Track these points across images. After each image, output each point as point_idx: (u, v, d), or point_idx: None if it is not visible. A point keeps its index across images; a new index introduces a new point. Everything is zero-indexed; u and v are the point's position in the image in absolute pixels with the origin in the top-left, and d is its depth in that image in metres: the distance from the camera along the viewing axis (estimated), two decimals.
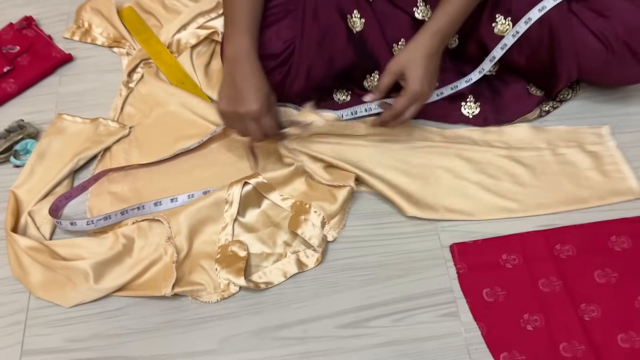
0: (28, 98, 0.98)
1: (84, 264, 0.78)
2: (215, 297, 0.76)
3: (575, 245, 0.77)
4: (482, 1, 0.81)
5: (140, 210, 0.82)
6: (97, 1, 1.05)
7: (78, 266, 0.78)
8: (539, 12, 0.79)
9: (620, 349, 0.70)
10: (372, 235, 0.80)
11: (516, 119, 0.88)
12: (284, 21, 0.84)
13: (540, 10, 0.79)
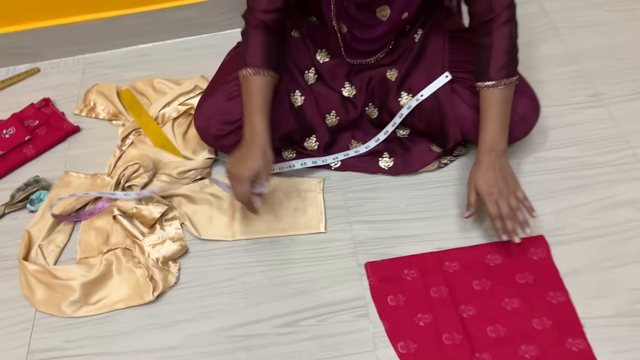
0: (43, 160, 1.24)
1: (74, 283, 1.00)
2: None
3: (459, 262, 1.00)
4: (393, 81, 1.10)
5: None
6: (101, 85, 1.34)
7: (69, 283, 1.00)
8: (427, 92, 1.07)
9: (489, 337, 0.91)
10: (306, 257, 1.03)
11: (421, 169, 1.13)
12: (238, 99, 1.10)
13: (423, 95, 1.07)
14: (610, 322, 0.92)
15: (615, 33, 1.33)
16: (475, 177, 0.98)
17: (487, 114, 0.98)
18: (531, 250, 1.00)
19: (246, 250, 1.06)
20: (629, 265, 0.97)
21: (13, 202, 1.16)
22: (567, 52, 1.31)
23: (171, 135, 1.23)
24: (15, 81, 1.41)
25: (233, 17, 1.41)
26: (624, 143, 1.13)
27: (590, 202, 1.06)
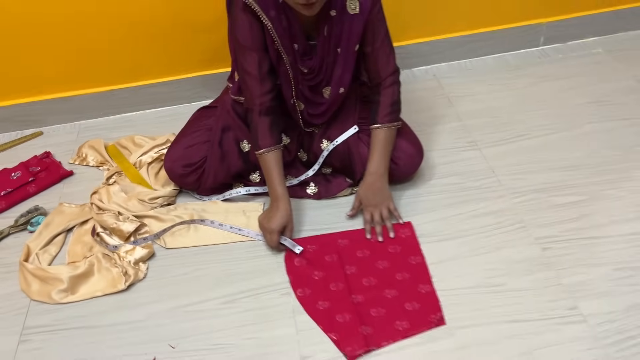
0: (42, 195, 1.56)
1: (63, 276, 1.29)
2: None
3: (349, 239, 1.34)
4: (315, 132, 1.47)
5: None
6: (92, 141, 1.69)
7: (59, 276, 1.29)
8: (340, 139, 1.43)
9: (363, 285, 1.24)
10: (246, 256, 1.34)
11: (337, 194, 1.47)
12: (201, 145, 1.46)
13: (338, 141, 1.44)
14: (471, 291, 1.22)
15: (490, 100, 1.75)
16: (360, 191, 1.36)
17: (374, 148, 1.36)
18: (401, 231, 1.35)
19: (201, 254, 1.36)
20: (486, 253, 1.29)
21: (16, 225, 1.46)
22: (455, 113, 1.71)
23: (146, 175, 1.56)
24: (22, 141, 1.76)
25: (200, 91, 1.81)
26: (490, 173, 1.50)
27: (462, 213, 1.40)
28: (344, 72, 1.34)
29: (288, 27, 1.26)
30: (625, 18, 1.96)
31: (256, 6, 1.22)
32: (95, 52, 1.68)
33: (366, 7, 1.26)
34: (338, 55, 1.33)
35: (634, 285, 1.21)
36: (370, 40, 1.32)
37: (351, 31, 1.29)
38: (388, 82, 1.37)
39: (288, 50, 1.30)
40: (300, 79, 1.36)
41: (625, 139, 1.57)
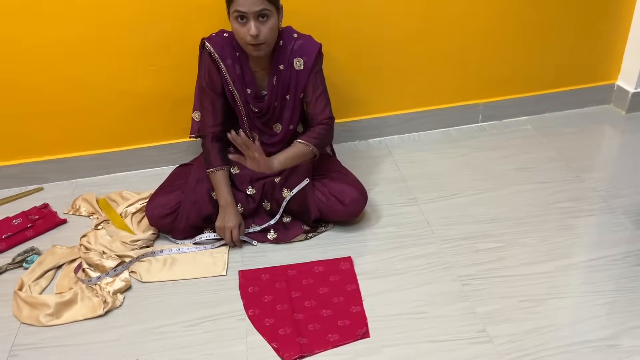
0: (39, 239, 1.79)
1: (50, 302, 1.50)
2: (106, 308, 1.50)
3: (297, 270, 1.58)
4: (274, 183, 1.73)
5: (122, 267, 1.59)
6: (85, 194, 1.95)
7: (47, 302, 1.50)
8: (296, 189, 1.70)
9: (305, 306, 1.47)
10: (211, 289, 1.55)
11: (292, 239, 1.71)
12: (178, 193, 1.72)
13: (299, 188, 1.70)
14: (398, 317, 1.43)
15: (432, 166, 2.03)
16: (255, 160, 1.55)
17: (286, 151, 1.61)
18: (342, 264, 1.59)
19: (170, 286, 1.58)
20: (414, 288, 1.52)
21: (14, 262, 1.69)
22: (400, 176, 1.98)
23: (129, 223, 1.81)
24: (25, 195, 2.02)
25: (182, 155, 2.08)
26: (425, 224, 1.75)
27: (397, 255, 1.63)
28: (293, 113, 1.73)
29: (242, 74, 1.64)
30: (550, 101, 2.29)
31: (215, 54, 1.62)
32: (90, 120, 1.98)
33: (309, 65, 1.65)
34: (287, 101, 1.70)
35: (535, 313, 1.42)
36: (310, 92, 1.69)
37: (297, 83, 1.67)
38: (321, 122, 1.69)
39: (240, 92, 1.68)
40: (253, 116, 1.72)
41: (542, 198, 1.83)
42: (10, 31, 1.76)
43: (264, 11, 1.48)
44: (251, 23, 1.48)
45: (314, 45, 1.65)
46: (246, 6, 1.46)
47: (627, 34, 2.21)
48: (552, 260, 1.59)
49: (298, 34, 1.66)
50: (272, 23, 1.52)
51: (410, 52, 2.07)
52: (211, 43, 1.63)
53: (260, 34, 1.50)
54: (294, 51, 1.64)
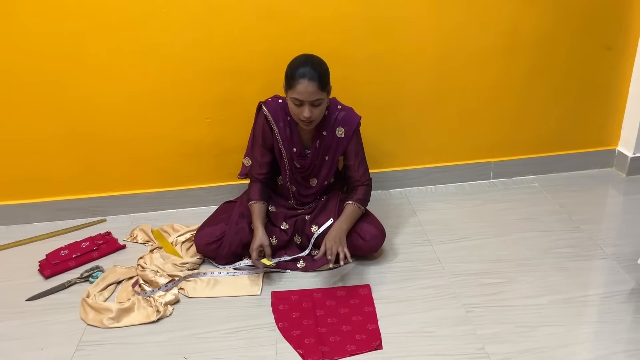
0: (102, 260, 2.09)
1: (112, 308, 1.78)
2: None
3: (322, 294, 1.81)
4: (307, 219, 2.01)
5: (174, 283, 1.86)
6: (142, 225, 2.26)
7: (110, 308, 1.78)
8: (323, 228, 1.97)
9: (327, 322, 1.70)
10: (247, 304, 1.81)
11: (319, 268, 1.96)
12: (222, 225, 2.01)
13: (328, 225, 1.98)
14: (408, 335, 1.65)
15: (445, 213, 2.28)
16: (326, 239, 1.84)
17: (343, 215, 1.90)
18: (361, 290, 1.82)
19: (213, 302, 1.83)
20: (423, 312, 1.74)
21: (81, 277, 1.98)
22: (417, 221, 2.24)
23: (179, 250, 2.10)
24: (91, 225, 2.34)
25: (227, 196, 2.38)
26: (437, 262, 1.98)
27: (410, 286, 1.86)
28: (329, 172, 2.00)
29: (290, 135, 1.92)
30: (557, 162, 2.55)
31: (270, 118, 1.92)
32: (151, 163, 2.31)
33: (349, 134, 1.93)
34: (325, 162, 1.97)
35: (529, 337, 1.63)
36: (351, 156, 1.96)
37: (337, 148, 1.95)
38: (362, 184, 1.97)
39: (288, 150, 1.95)
40: (295, 170, 1.99)
41: (542, 244, 2.06)
42: (88, 84, 2.14)
43: (318, 101, 1.78)
44: (306, 108, 1.78)
45: (355, 117, 1.95)
46: (304, 96, 1.75)
47: (625, 104, 2.48)
48: (547, 295, 1.79)
49: (342, 106, 1.96)
50: (323, 106, 1.81)
51: (428, 114, 2.37)
52: (267, 107, 1.93)
53: (312, 115, 1.80)
54: (337, 121, 1.93)
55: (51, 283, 1.96)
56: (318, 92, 1.76)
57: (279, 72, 1.83)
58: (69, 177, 2.31)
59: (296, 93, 1.76)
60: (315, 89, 1.75)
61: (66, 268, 2.03)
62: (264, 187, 2.03)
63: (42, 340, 1.69)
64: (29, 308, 1.84)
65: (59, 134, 2.21)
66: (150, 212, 2.41)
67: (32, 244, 2.20)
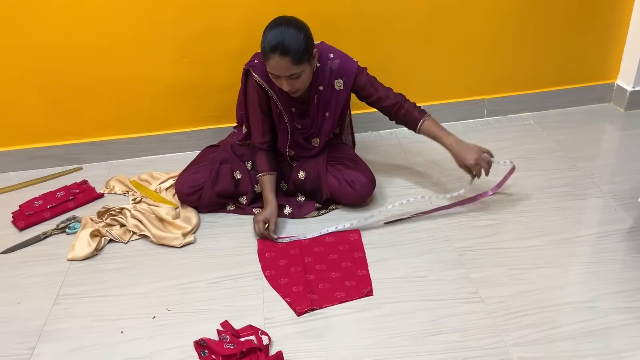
0: (78, 210, 2.00)
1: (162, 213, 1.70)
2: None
3: (310, 241, 1.74)
4: (291, 166, 1.91)
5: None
6: (118, 176, 2.14)
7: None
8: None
9: (316, 269, 1.64)
10: (236, 252, 1.74)
11: (306, 215, 1.88)
12: (204, 172, 1.91)
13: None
14: (398, 280, 1.60)
15: (436, 154, 2.18)
16: (458, 160, 1.77)
17: (434, 132, 1.80)
18: (351, 235, 1.75)
19: (199, 250, 1.76)
20: (415, 256, 1.68)
21: (57, 228, 1.89)
22: (407, 161, 2.15)
23: (165, 196, 2.00)
24: (66, 173, 2.23)
25: (209, 141, 2.25)
26: (429, 204, 1.91)
27: (401, 230, 1.80)
28: (332, 128, 1.86)
29: (287, 96, 1.75)
30: (553, 98, 2.44)
31: (264, 84, 1.75)
32: (127, 106, 2.19)
33: (349, 83, 1.78)
34: (326, 118, 1.83)
35: (522, 280, 1.57)
36: (372, 92, 1.81)
37: (337, 102, 1.81)
38: (403, 101, 1.83)
39: (287, 112, 1.80)
40: (296, 132, 1.85)
41: (538, 183, 1.98)
42: (58, 23, 1.98)
43: (295, 74, 1.61)
44: (283, 81, 1.62)
45: (352, 65, 1.76)
46: (277, 72, 1.60)
47: (625, 36, 2.35)
48: (543, 236, 1.73)
49: (333, 53, 1.77)
50: (305, 75, 1.64)
51: (418, 50, 2.24)
52: (257, 73, 1.74)
53: (293, 87, 1.64)
54: (333, 72, 1.75)
55: (26, 235, 1.87)
56: (293, 67, 1.59)
57: (259, 2, 1.69)
58: (42, 123, 2.19)
59: (270, 67, 1.62)
60: (289, 64, 1.58)
61: (41, 219, 1.94)
62: (270, 154, 1.89)
63: (18, 295, 1.62)
64: (4, 261, 1.76)
65: (29, 77, 2.08)
66: (128, 158, 2.30)
67: (4, 194, 2.10)
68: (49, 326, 1.52)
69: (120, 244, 1.82)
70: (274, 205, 1.81)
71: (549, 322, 1.44)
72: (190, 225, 1.85)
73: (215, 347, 1.39)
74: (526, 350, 1.36)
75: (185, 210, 1.93)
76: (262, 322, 1.49)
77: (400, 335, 1.43)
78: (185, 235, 1.80)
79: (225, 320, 1.49)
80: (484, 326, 1.44)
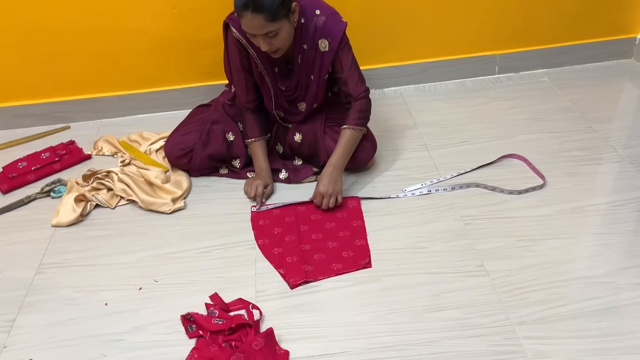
0: (64, 172, 1.90)
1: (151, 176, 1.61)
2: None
3: (307, 207, 1.65)
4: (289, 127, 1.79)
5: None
6: (106, 136, 2.03)
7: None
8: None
9: (312, 239, 1.55)
10: (224, 220, 1.65)
11: (303, 180, 1.78)
12: (194, 133, 1.80)
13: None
14: (399, 251, 1.50)
15: (444, 114, 2.07)
16: (319, 181, 1.64)
17: (339, 145, 1.65)
18: (349, 202, 1.66)
19: (188, 217, 1.67)
20: (417, 225, 1.58)
21: (42, 192, 1.80)
22: (413, 123, 2.03)
23: (156, 158, 1.90)
24: (53, 133, 2.12)
25: (202, 99, 2.14)
26: (434, 169, 1.80)
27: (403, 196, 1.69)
28: (318, 92, 1.71)
29: (269, 55, 1.58)
30: (569, 54, 2.28)
31: (244, 40, 1.60)
32: (115, 62, 2.06)
33: (334, 46, 1.61)
34: (311, 81, 1.68)
35: (530, 252, 1.48)
36: (339, 69, 1.66)
37: (322, 64, 1.65)
38: (358, 97, 1.67)
39: (269, 72, 1.66)
40: (280, 94, 1.71)
41: (551, 147, 1.86)
42: None
43: (271, 32, 1.46)
44: (260, 40, 1.48)
45: (339, 26, 1.59)
46: (252, 30, 1.46)
47: None
48: (554, 204, 1.63)
49: (320, 9, 1.59)
50: (284, 33, 1.49)
51: (426, 1, 2.08)
52: (236, 28, 1.59)
53: (272, 47, 1.50)
54: (318, 30, 1.58)
55: (9, 199, 1.78)
56: (268, 25, 1.43)
57: None
58: (26, 79, 2.07)
59: (244, 26, 1.46)
60: (263, 22, 1.42)
61: (25, 182, 1.85)
62: (258, 116, 1.76)
63: None
64: None
65: (9, 28, 1.95)
66: (118, 117, 2.19)
67: None
68: (30, 297, 1.44)
69: (107, 209, 1.73)
70: (268, 172, 1.73)
71: (558, 298, 1.35)
72: (181, 190, 1.75)
73: (203, 322, 1.31)
74: (533, 329, 1.28)
75: (176, 173, 1.83)
76: (254, 295, 1.41)
77: (399, 311, 1.35)
78: (175, 201, 1.71)
79: (215, 293, 1.41)
80: (488, 302, 1.35)
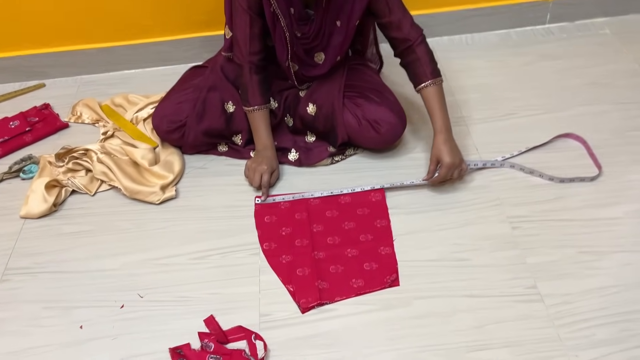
0: (37, 145, 1.62)
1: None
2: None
3: (321, 200, 1.37)
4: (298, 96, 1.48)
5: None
6: (86, 99, 1.72)
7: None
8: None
9: (327, 243, 1.28)
10: (223, 218, 1.38)
11: (316, 163, 1.49)
12: (188, 103, 1.49)
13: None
14: (433, 264, 1.24)
15: (485, 76, 1.73)
16: (435, 151, 1.34)
17: (433, 107, 1.36)
18: (372, 195, 1.38)
19: (181, 210, 1.40)
20: (455, 228, 1.31)
21: (10, 171, 1.53)
22: (448, 87, 1.66)
23: (144, 130, 1.61)
24: (25, 92, 1.82)
25: (198, 52, 1.83)
26: (474, 150, 1.50)
27: (437, 187, 1.40)
28: (344, 42, 1.39)
29: None
30: None
31: None
32: (98, 8, 1.72)
33: None
34: (337, 28, 1.37)
35: (595, 269, 1.21)
36: (385, 11, 1.35)
37: (353, 9, 1.34)
38: (418, 41, 1.37)
39: (284, 13, 1.32)
40: (295, 41, 1.38)
41: (617, 122, 1.54)
42: None
43: None
44: None
45: None
46: None
47: None
48: (621, 203, 1.34)
49: None
50: None
51: None
52: None
53: None
54: None
55: None
56: None
57: None
58: None
59: None
60: None
61: None
62: (262, 77, 1.43)
63: None
64: None
65: None
66: (100, 73, 1.88)
67: None
68: None
69: (85, 196, 1.46)
70: (272, 151, 1.44)
71: (631, 336, 1.09)
72: (172, 173, 1.47)
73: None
74: None
75: (166, 150, 1.55)
76: (257, 320, 1.17)
77: (433, 348, 1.10)
78: (164, 189, 1.44)
79: (211, 316, 1.17)
80: (544, 339, 1.10)
